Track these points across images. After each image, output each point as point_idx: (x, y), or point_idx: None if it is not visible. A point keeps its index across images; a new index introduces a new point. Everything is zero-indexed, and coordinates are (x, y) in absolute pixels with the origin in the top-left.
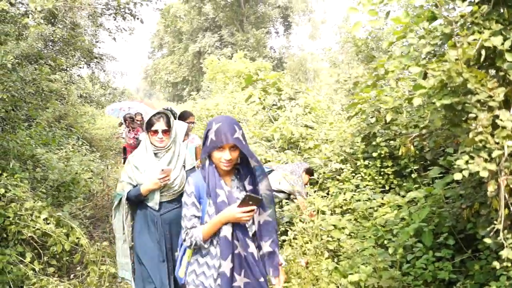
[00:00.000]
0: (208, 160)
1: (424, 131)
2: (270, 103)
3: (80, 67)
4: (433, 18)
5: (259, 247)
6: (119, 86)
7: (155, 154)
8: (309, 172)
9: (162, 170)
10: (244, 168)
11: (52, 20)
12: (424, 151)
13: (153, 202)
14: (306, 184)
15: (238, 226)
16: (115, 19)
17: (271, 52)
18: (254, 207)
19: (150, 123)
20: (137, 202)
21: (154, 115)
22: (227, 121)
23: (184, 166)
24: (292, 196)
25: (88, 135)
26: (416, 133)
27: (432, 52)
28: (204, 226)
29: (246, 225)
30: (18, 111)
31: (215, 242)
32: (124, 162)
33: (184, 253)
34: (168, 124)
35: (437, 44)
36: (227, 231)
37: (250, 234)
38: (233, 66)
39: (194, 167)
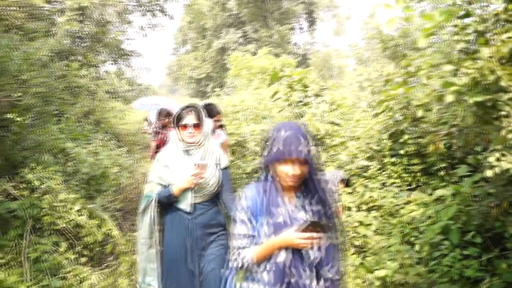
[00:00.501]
0: (267, 171)
1: (453, 129)
2: (296, 100)
3: (111, 64)
4: (466, 15)
5: (318, 275)
6: (144, 82)
7: (186, 151)
8: (344, 181)
9: (196, 165)
10: (311, 183)
11: (80, 17)
12: (453, 149)
13: (185, 204)
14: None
15: (297, 252)
16: (145, 16)
17: (295, 48)
18: (319, 234)
19: (179, 117)
20: (167, 204)
21: (184, 108)
22: (299, 130)
23: (218, 165)
24: None
25: (115, 130)
26: (445, 131)
27: (464, 49)
28: (258, 248)
29: (308, 252)
30: (49, 106)
31: (268, 267)
32: None
33: (232, 275)
34: (199, 118)
35: (470, 41)
36: (283, 257)
37: (311, 262)
38: (257, 63)
39: (229, 166)
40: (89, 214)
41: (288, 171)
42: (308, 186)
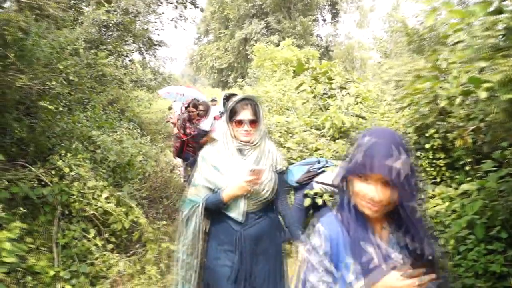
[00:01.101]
0: (343, 191)
1: (482, 124)
2: (320, 92)
3: (138, 53)
4: (498, 11)
5: None
6: (165, 71)
7: (240, 150)
8: None
9: (252, 170)
10: (403, 212)
11: (108, 7)
12: (478, 144)
13: (237, 212)
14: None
15: None
16: (176, 8)
17: (317, 40)
18: (428, 278)
19: (233, 111)
20: (215, 211)
21: (239, 101)
22: (390, 138)
23: (274, 167)
24: None
25: (138, 119)
26: (473, 126)
27: (495, 45)
28: None
29: None
30: (79, 94)
31: None
32: (177, 154)
33: None
34: (256, 113)
35: (501, 37)
36: None
37: None
38: (281, 54)
39: (286, 168)
40: (116, 202)
41: (368, 192)
42: (399, 215)
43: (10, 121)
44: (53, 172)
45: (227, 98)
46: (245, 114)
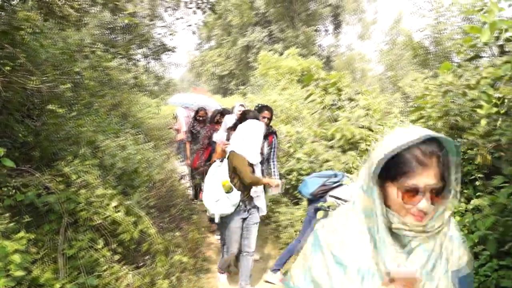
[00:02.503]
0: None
1: (503, 141)
2: (329, 103)
3: (144, 58)
4: None
5: None
6: (166, 76)
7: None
8: None
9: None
10: None
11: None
12: (497, 161)
13: None
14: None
15: None
16: (195, 13)
17: (319, 50)
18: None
19: (401, 165)
20: None
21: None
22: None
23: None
24: None
25: (141, 124)
26: (494, 143)
27: None
28: None
29: None
30: (85, 98)
31: None
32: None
33: None
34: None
35: None
36: None
37: None
38: (285, 63)
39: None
40: (125, 211)
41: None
42: None
43: (15, 124)
44: (59, 179)
45: (259, 109)
46: (426, 176)
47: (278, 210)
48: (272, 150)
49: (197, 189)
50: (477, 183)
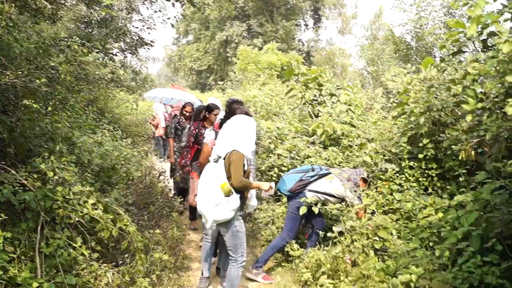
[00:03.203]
0: None
1: (487, 137)
2: (310, 98)
3: (123, 52)
4: None
5: None
6: (143, 71)
7: None
8: (365, 180)
9: None
10: None
11: (89, 2)
12: (483, 156)
13: None
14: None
15: None
16: (173, 6)
17: (299, 45)
18: None
19: None
20: None
21: None
22: None
23: None
24: (346, 202)
25: (118, 120)
26: (477, 139)
27: None
28: None
29: None
30: (61, 94)
31: None
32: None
33: None
34: None
35: None
36: None
37: None
38: (265, 57)
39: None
40: (104, 208)
41: None
42: None
43: None
44: (35, 176)
45: (230, 103)
46: None
47: (259, 207)
48: None
49: (179, 186)
50: (460, 179)
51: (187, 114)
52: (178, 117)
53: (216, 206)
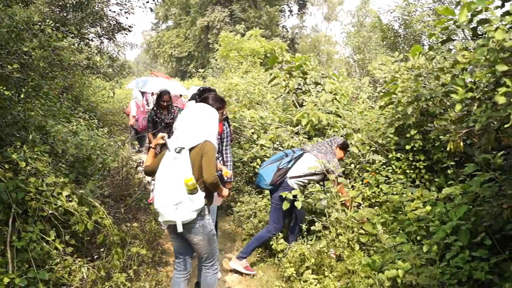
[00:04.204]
0: None
1: (477, 127)
2: (294, 87)
3: (99, 38)
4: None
5: None
6: (120, 58)
7: None
8: (344, 146)
9: None
10: None
11: None
12: (472, 148)
13: None
14: (342, 159)
15: None
16: None
17: (283, 31)
18: None
19: None
20: None
21: None
22: None
23: None
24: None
25: (94, 108)
26: (466, 130)
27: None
28: None
29: None
30: (34, 80)
31: None
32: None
33: None
34: None
35: None
36: None
37: None
38: (247, 44)
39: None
40: (78, 201)
41: None
42: None
43: None
44: (6, 166)
45: (202, 92)
46: None
47: (241, 199)
48: (225, 140)
49: None
50: (448, 171)
51: (164, 103)
52: (154, 107)
53: (177, 205)
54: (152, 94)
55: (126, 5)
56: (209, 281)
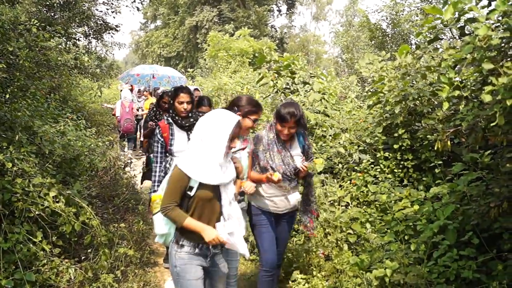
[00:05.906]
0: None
1: (464, 127)
2: (282, 86)
3: (87, 38)
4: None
5: None
6: (108, 58)
7: None
8: (280, 118)
9: None
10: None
11: None
12: (459, 147)
13: None
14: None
15: None
16: None
17: (272, 31)
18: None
19: None
20: None
21: None
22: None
23: None
24: None
25: (82, 108)
26: (454, 129)
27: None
28: None
29: None
30: (20, 81)
31: None
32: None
33: None
34: None
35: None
36: None
37: None
38: (236, 44)
39: None
40: (65, 201)
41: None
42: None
43: None
44: None
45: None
46: None
47: None
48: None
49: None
50: (436, 170)
51: (166, 105)
52: (155, 109)
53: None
54: (139, 91)
55: (113, 4)
56: None
